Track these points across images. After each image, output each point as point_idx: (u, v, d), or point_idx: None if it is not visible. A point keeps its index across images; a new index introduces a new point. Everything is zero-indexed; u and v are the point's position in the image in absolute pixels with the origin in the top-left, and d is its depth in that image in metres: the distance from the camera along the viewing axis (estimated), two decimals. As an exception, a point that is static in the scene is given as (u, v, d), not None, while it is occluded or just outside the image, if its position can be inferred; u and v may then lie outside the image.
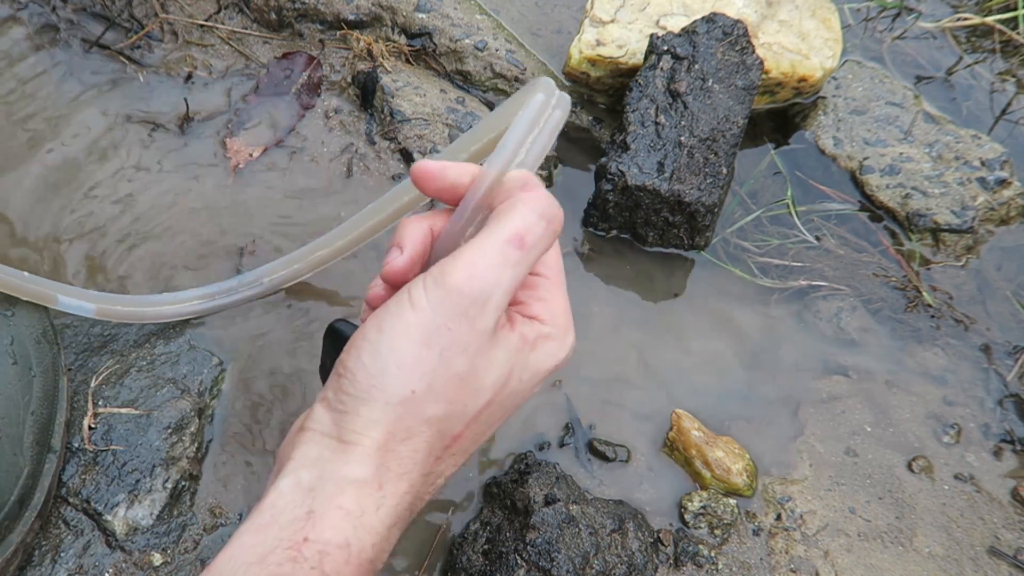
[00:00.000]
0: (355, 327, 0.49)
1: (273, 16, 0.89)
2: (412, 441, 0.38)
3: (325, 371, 0.52)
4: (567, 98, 0.43)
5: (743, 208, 0.81)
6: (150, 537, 0.59)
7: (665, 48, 0.76)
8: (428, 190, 0.42)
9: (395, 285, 0.42)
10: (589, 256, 0.77)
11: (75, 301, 0.62)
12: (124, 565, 0.58)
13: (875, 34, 0.95)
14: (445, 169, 0.41)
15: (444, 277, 0.37)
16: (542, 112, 0.41)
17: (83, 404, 0.62)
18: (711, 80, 0.75)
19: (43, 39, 0.86)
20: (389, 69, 0.85)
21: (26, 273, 0.61)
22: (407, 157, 0.81)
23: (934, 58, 0.94)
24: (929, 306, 0.76)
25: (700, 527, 0.63)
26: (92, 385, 0.63)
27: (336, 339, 0.49)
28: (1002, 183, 0.80)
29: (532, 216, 0.38)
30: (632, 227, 0.77)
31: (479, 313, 0.37)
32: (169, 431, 0.62)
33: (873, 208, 0.81)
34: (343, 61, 0.87)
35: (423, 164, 0.41)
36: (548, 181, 0.81)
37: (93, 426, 0.61)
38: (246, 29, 0.89)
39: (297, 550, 0.35)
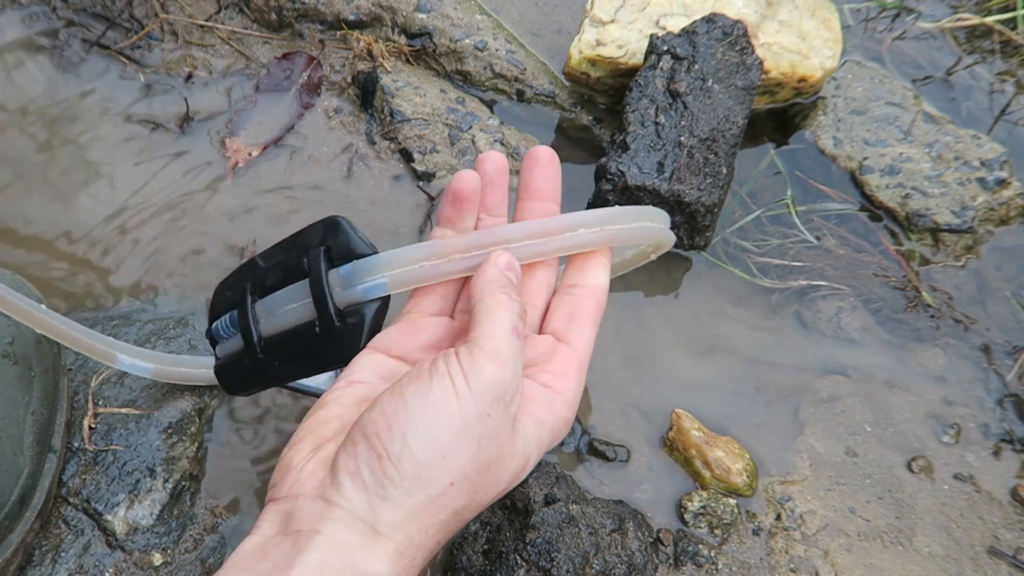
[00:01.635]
0: (365, 242, 0.45)
1: (273, 16, 0.89)
2: (440, 534, 0.38)
3: (291, 267, 0.46)
4: (670, 236, 0.49)
5: (743, 208, 0.81)
6: (150, 537, 0.59)
7: (665, 48, 0.76)
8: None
9: (464, 196, 0.46)
10: (589, 256, 0.77)
11: (133, 360, 0.61)
12: (124, 565, 0.58)
13: (875, 34, 0.95)
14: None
15: (482, 367, 0.38)
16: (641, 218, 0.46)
17: (83, 404, 0.62)
18: (711, 80, 0.75)
19: (43, 39, 0.86)
20: (389, 69, 0.85)
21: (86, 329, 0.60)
22: (407, 157, 0.81)
23: (934, 58, 0.94)
24: (929, 306, 0.76)
25: (700, 527, 0.63)
26: (92, 385, 0.63)
27: (338, 237, 0.45)
28: (1002, 183, 0.80)
29: (516, 307, 0.41)
30: (632, 227, 0.77)
31: (512, 399, 0.39)
32: (169, 431, 0.62)
33: (873, 208, 0.81)
34: (343, 61, 0.87)
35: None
36: (548, 181, 0.82)
37: (93, 426, 0.61)
38: (246, 29, 0.89)
39: None
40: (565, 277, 0.47)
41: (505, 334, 0.39)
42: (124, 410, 0.62)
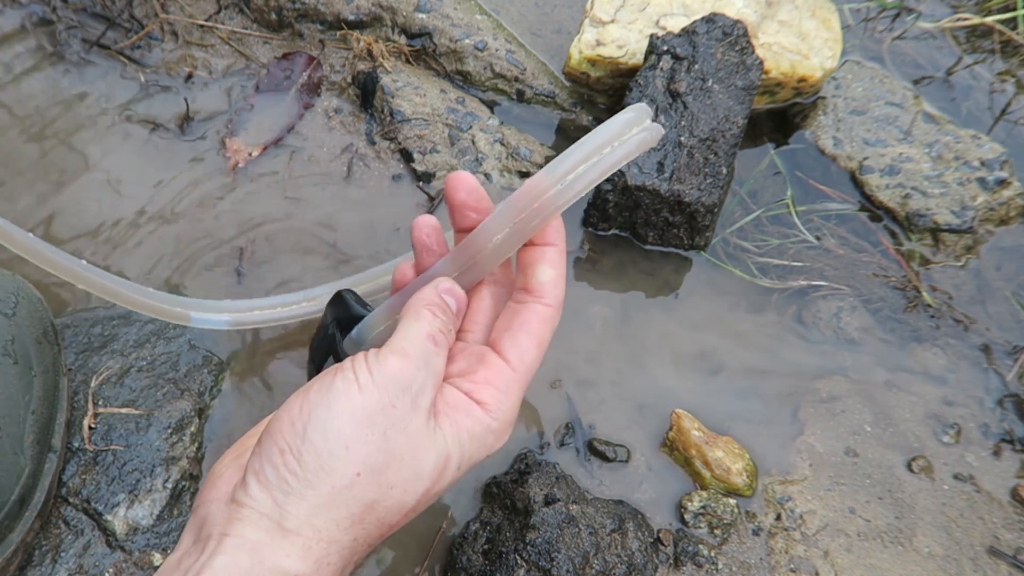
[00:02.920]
0: (364, 305, 0.50)
1: (273, 16, 0.89)
2: (353, 529, 0.37)
3: (326, 341, 0.52)
4: (659, 128, 0.43)
5: (743, 208, 0.81)
6: (150, 537, 0.59)
7: (665, 48, 0.76)
8: (456, 198, 0.45)
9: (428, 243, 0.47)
10: (589, 256, 0.77)
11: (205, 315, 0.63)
12: (124, 565, 0.58)
13: (875, 34, 0.95)
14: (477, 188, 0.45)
15: (385, 360, 0.39)
16: (620, 130, 0.42)
17: (83, 404, 0.62)
18: (711, 80, 0.75)
19: (43, 39, 0.86)
20: (389, 69, 0.85)
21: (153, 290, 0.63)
22: (407, 157, 0.81)
23: (934, 58, 0.94)
24: (929, 306, 0.76)
25: (700, 527, 0.63)
26: (92, 385, 0.63)
27: (341, 309, 0.50)
28: (1002, 183, 0.80)
29: (437, 322, 0.41)
30: (632, 227, 0.77)
31: (420, 389, 0.39)
32: (169, 431, 0.62)
33: (873, 208, 0.81)
34: (343, 61, 0.87)
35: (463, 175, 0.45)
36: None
37: (93, 426, 0.61)
38: (246, 29, 0.89)
39: None
40: (515, 283, 0.46)
41: (417, 337, 0.40)
42: (124, 410, 0.62)
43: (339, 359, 0.49)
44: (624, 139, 0.42)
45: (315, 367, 0.56)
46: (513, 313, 0.45)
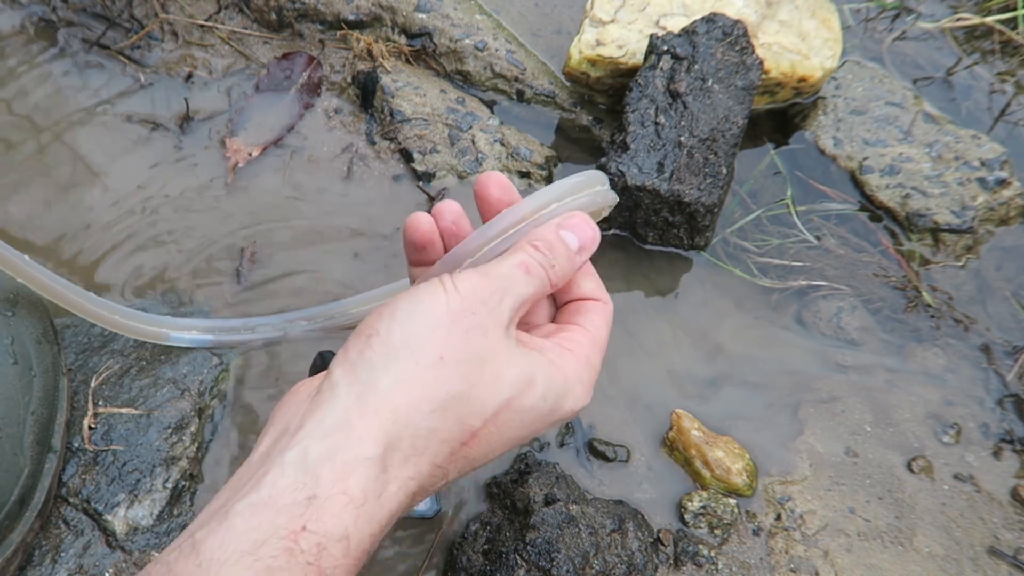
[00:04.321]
0: None
1: (273, 16, 0.89)
2: (434, 416, 0.37)
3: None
4: (612, 195, 0.48)
5: (743, 208, 0.81)
6: (150, 537, 0.59)
7: (665, 48, 0.76)
8: (488, 196, 0.47)
9: (419, 245, 0.47)
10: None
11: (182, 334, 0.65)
12: (124, 565, 0.58)
13: (875, 34, 0.95)
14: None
15: (466, 276, 0.40)
16: (581, 186, 0.46)
17: (83, 404, 0.62)
18: (711, 80, 0.75)
19: (43, 39, 0.86)
20: (389, 69, 0.85)
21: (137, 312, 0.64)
22: (407, 157, 0.81)
23: (934, 58, 0.94)
24: (929, 306, 0.76)
25: (700, 527, 0.63)
26: (92, 385, 0.63)
27: (321, 369, 0.50)
28: (1002, 183, 0.80)
29: (538, 255, 0.42)
30: (632, 227, 0.77)
31: (497, 304, 0.40)
32: (169, 431, 0.62)
33: (873, 208, 0.81)
34: (343, 61, 0.87)
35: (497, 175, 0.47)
36: (548, 181, 0.82)
37: (93, 426, 0.61)
38: (246, 29, 0.89)
39: (294, 540, 0.33)
40: (557, 300, 0.48)
41: (506, 262, 0.41)
42: (124, 410, 0.62)
43: None
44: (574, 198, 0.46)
45: None
46: (577, 307, 0.46)
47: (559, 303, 0.48)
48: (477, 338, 0.39)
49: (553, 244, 0.43)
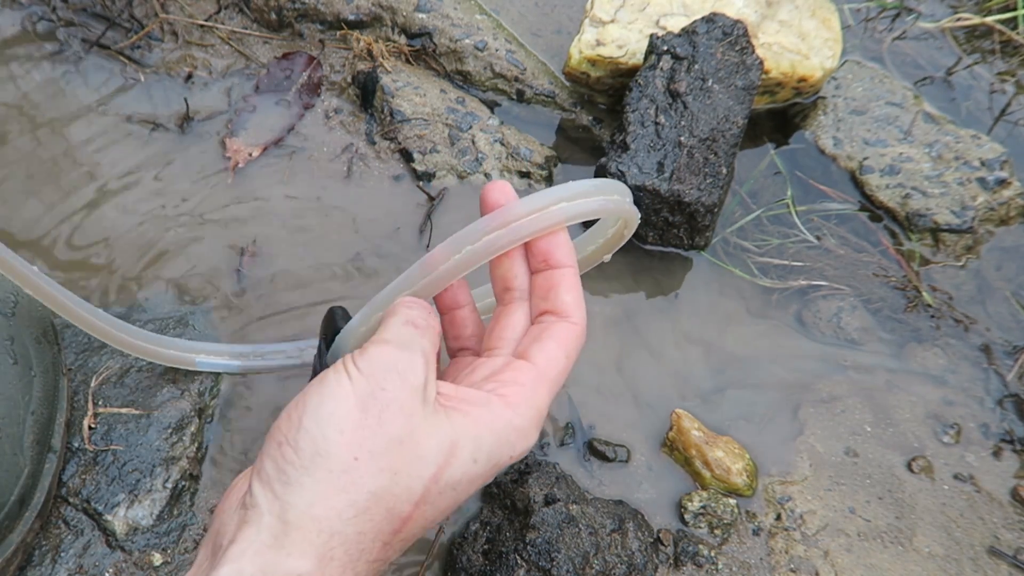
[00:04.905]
0: (349, 319, 0.49)
1: (273, 16, 0.89)
2: (358, 520, 0.36)
3: (319, 356, 0.53)
4: (632, 209, 0.45)
5: (743, 208, 0.81)
6: (150, 537, 0.59)
7: (665, 48, 0.76)
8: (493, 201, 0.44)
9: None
10: (589, 256, 0.77)
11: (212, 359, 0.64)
12: (124, 565, 0.58)
13: (875, 34, 0.95)
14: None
15: (367, 350, 0.39)
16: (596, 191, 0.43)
17: (83, 404, 0.62)
18: (711, 80, 0.75)
19: (43, 39, 0.86)
20: (389, 69, 0.85)
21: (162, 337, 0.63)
22: (407, 157, 0.81)
23: (934, 58, 0.94)
24: (929, 306, 0.76)
25: (700, 527, 0.63)
26: (92, 385, 0.63)
27: (328, 324, 0.50)
28: (1002, 183, 0.80)
29: (413, 311, 0.42)
30: (632, 227, 0.77)
31: (407, 369, 0.39)
32: (169, 431, 0.62)
33: (873, 208, 0.81)
34: (343, 61, 0.87)
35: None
36: (548, 181, 0.82)
37: (93, 426, 0.61)
38: (246, 29, 0.89)
39: None
40: (533, 308, 0.45)
41: (395, 324, 0.41)
42: (124, 410, 0.62)
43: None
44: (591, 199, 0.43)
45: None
46: (540, 330, 0.44)
47: (534, 312, 0.45)
48: (390, 419, 0.37)
49: (419, 304, 0.42)
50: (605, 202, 0.43)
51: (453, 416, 0.39)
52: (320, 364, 0.50)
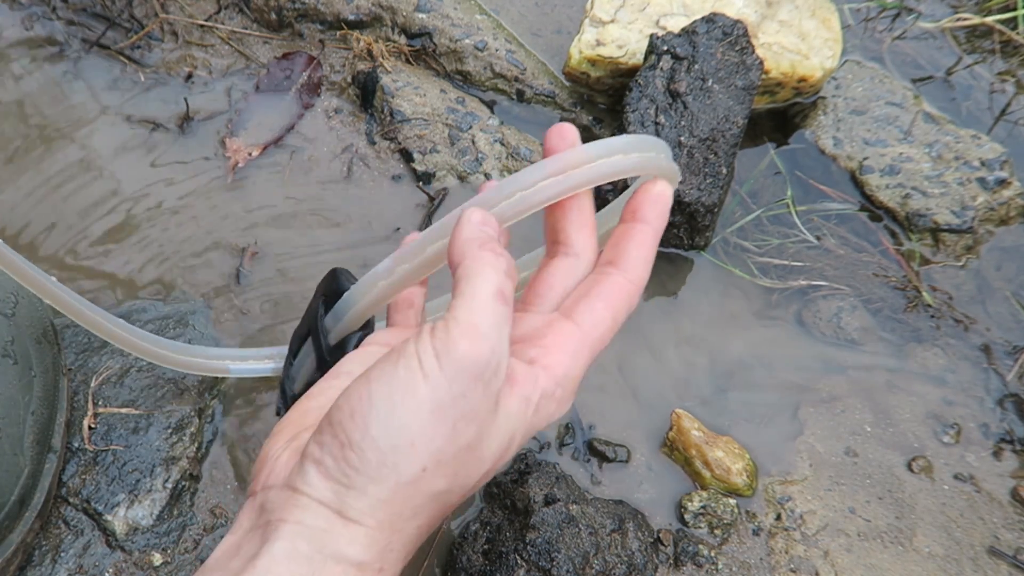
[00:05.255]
0: (354, 280, 0.47)
1: (273, 16, 0.89)
2: (417, 519, 0.36)
3: (309, 315, 0.51)
4: (672, 166, 0.42)
5: (743, 208, 0.81)
6: (150, 537, 0.59)
7: (665, 48, 0.76)
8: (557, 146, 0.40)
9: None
10: (589, 256, 0.77)
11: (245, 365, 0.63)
12: (124, 565, 0.58)
13: (875, 34, 0.95)
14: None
15: (453, 344, 0.34)
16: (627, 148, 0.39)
17: (83, 404, 0.62)
18: (711, 80, 0.75)
19: (43, 39, 0.86)
20: (389, 69, 0.85)
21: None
22: (407, 157, 0.81)
23: (934, 58, 0.94)
24: (929, 306, 0.76)
25: (700, 527, 0.63)
26: (92, 385, 0.63)
27: (330, 283, 0.48)
28: (1002, 183, 0.80)
29: (501, 265, 0.36)
30: (632, 227, 0.77)
31: (492, 376, 0.35)
32: (169, 431, 0.62)
33: (873, 208, 0.81)
34: (343, 61, 0.87)
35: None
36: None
37: (93, 426, 0.61)
38: (246, 29, 0.89)
39: None
40: (601, 258, 0.42)
41: (487, 301, 0.35)
42: (124, 410, 0.62)
43: (318, 337, 0.48)
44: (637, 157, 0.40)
45: (292, 350, 0.53)
46: (592, 283, 0.41)
47: (600, 262, 0.42)
48: (464, 428, 0.35)
49: (495, 242, 0.37)
50: (642, 160, 0.40)
51: (511, 405, 0.37)
52: (318, 327, 0.48)
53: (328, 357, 0.47)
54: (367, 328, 0.48)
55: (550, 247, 0.43)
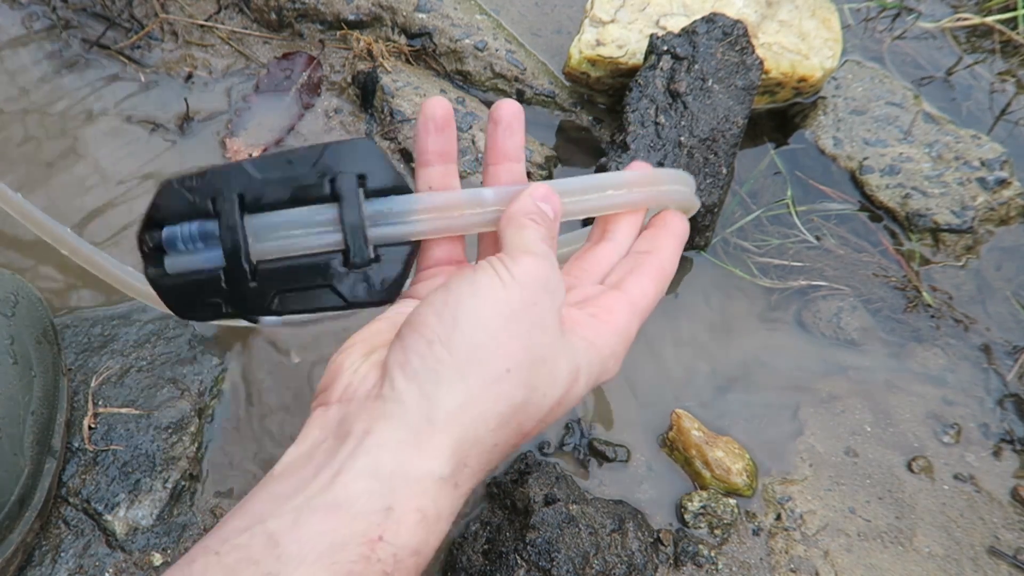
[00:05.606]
0: (399, 176, 0.42)
1: (273, 16, 0.89)
2: (497, 432, 0.36)
3: (324, 157, 0.41)
4: (693, 202, 0.50)
5: (743, 208, 0.81)
6: (150, 537, 0.59)
7: (665, 48, 0.76)
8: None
9: (440, 126, 0.48)
10: (589, 256, 0.77)
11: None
12: (124, 565, 0.58)
13: (875, 34, 0.95)
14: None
15: (521, 259, 0.38)
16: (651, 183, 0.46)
17: (83, 404, 0.62)
18: (711, 80, 0.75)
19: (43, 39, 0.86)
20: (389, 69, 0.85)
21: None
22: (407, 157, 0.81)
23: (934, 58, 0.94)
24: (929, 306, 0.76)
25: (700, 527, 0.63)
26: (92, 385, 0.63)
27: (368, 159, 0.41)
28: (1002, 183, 0.80)
29: (542, 230, 0.41)
30: (632, 227, 0.77)
31: (556, 289, 0.39)
32: (169, 431, 0.62)
33: (873, 208, 0.81)
34: (343, 61, 0.87)
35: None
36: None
37: (93, 426, 0.61)
38: (246, 29, 0.89)
39: (371, 548, 0.32)
40: (636, 245, 0.47)
41: (536, 240, 0.39)
42: (124, 410, 0.62)
43: (353, 228, 0.40)
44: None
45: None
46: (635, 263, 0.46)
47: (634, 249, 0.47)
48: (537, 336, 0.37)
49: (544, 215, 0.42)
50: (667, 194, 0.47)
51: (574, 340, 0.40)
52: (357, 221, 0.39)
53: (372, 258, 0.40)
54: (417, 247, 0.43)
55: (599, 236, 0.48)
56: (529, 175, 0.81)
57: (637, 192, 0.45)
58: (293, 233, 0.41)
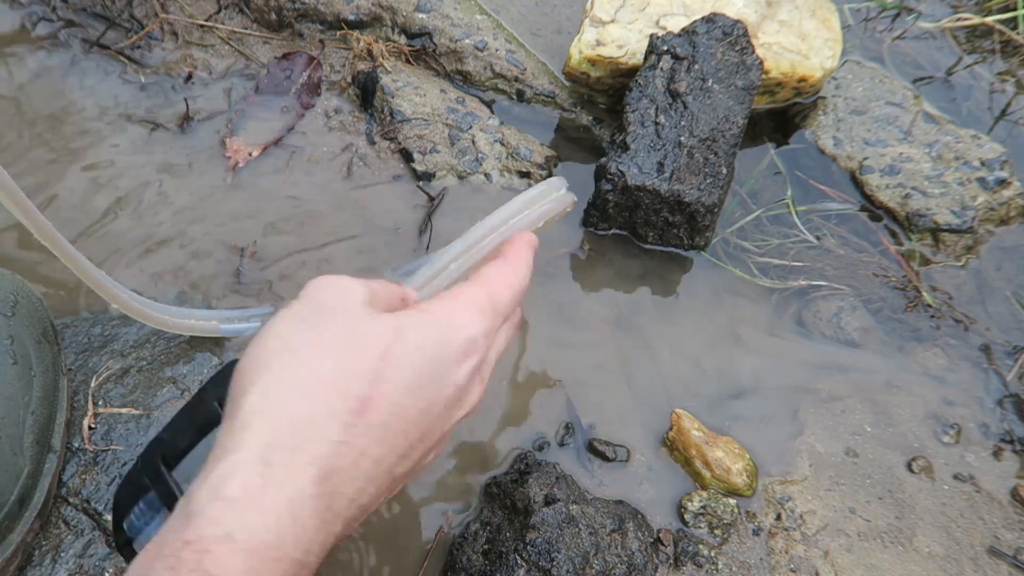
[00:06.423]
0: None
1: (273, 16, 0.89)
2: (304, 403, 0.37)
3: (205, 391, 0.45)
4: (571, 196, 0.57)
5: (743, 208, 0.81)
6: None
7: (665, 48, 0.76)
8: None
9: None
10: (589, 256, 0.77)
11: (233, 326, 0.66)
12: (124, 565, 0.58)
13: (875, 34, 0.95)
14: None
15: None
16: (540, 197, 0.54)
17: (83, 404, 0.62)
18: (711, 80, 0.75)
19: (43, 39, 0.86)
20: (389, 69, 0.85)
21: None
22: (407, 157, 0.81)
23: (934, 58, 0.94)
24: (929, 306, 0.76)
25: (700, 527, 0.63)
26: (92, 385, 0.63)
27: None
28: (1002, 183, 0.80)
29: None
30: (632, 227, 0.77)
31: (347, 285, 0.43)
32: (169, 431, 0.62)
33: (873, 208, 0.81)
34: (343, 61, 0.87)
35: None
36: (548, 181, 0.82)
37: (93, 426, 0.61)
38: (246, 29, 0.89)
39: (176, 557, 0.33)
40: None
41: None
42: (124, 410, 0.62)
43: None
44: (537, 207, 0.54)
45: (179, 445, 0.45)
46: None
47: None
48: (328, 321, 0.40)
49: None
50: (555, 203, 0.55)
51: (396, 313, 0.42)
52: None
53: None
54: None
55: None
56: (529, 175, 0.81)
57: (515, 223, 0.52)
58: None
